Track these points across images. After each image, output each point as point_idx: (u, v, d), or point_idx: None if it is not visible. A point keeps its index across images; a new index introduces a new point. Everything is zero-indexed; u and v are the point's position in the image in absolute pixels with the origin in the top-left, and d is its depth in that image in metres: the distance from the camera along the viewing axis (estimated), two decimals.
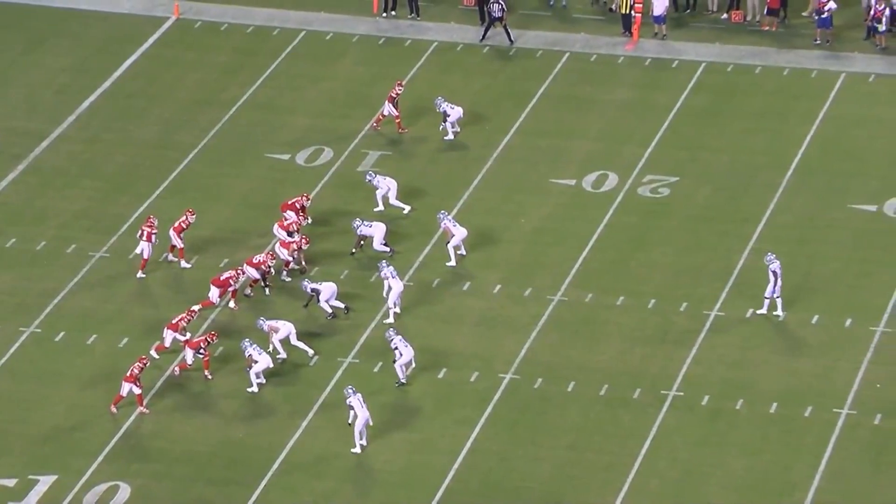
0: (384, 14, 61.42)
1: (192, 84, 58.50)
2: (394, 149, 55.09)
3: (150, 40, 60.69)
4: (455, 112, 54.58)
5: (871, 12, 58.86)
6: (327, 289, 47.85)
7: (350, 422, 43.34)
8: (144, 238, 49.23)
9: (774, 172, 53.32)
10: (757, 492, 42.49)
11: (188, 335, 46.56)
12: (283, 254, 49.20)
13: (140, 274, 49.52)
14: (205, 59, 59.84)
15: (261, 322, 46.19)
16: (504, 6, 59.50)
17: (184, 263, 50.04)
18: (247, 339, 45.70)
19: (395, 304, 47.78)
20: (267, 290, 49.02)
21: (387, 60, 59.44)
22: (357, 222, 49.63)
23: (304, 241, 49.31)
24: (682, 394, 45.33)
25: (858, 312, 47.62)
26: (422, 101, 56.79)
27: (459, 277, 49.56)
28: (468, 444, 44.13)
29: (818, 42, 59.25)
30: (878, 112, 56.18)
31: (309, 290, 47.74)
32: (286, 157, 54.89)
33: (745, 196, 52.43)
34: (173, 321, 46.66)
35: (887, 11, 58.67)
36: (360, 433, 43.49)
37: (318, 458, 43.86)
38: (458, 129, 55.02)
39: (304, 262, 49.46)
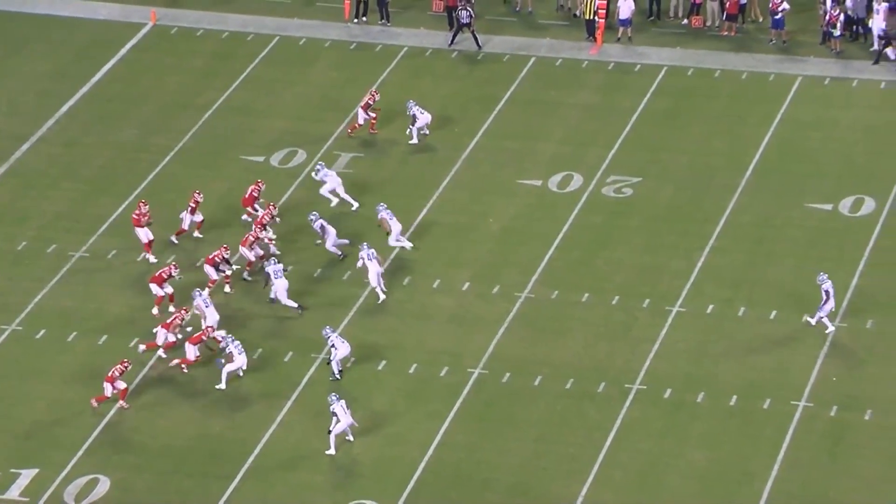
0: (355, 20, 61.54)
1: (169, 88, 58.58)
2: (365, 151, 55.23)
3: (128, 46, 60.78)
4: (423, 117, 54.78)
5: (827, 17, 59.09)
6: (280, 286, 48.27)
7: (331, 429, 43.42)
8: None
9: (733, 173, 53.54)
10: (717, 482, 42.72)
11: (180, 333, 46.70)
12: (246, 253, 49.31)
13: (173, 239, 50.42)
14: (181, 63, 59.93)
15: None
16: (472, 12, 59.67)
17: (151, 258, 50.23)
18: (230, 336, 45.83)
19: (378, 284, 48.15)
20: (227, 286, 49.23)
21: (358, 65, 59.61)
22: (314, 216, 49.90)
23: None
24: (645, 387, 45.55)
25: (814, 308, 47.72)
26: (392, 105, 56.80)
27: (429, 276, 49.68)
28: (438, 437, 44.32)
29: (773, 42, 59.53)
30: (833, 114, 56.43)
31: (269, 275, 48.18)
32: (261, 158, 55.01)
33: (705, 196, 52.65)
34: (167, 321, 46.76)
35: (842, 17, 58.90)
36: (338, 435, 43.63)
37: (293, 451, 44.03)
38: (427, 133, 55.20)
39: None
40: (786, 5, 59.10)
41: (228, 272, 49.06)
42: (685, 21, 60.94)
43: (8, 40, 61.04)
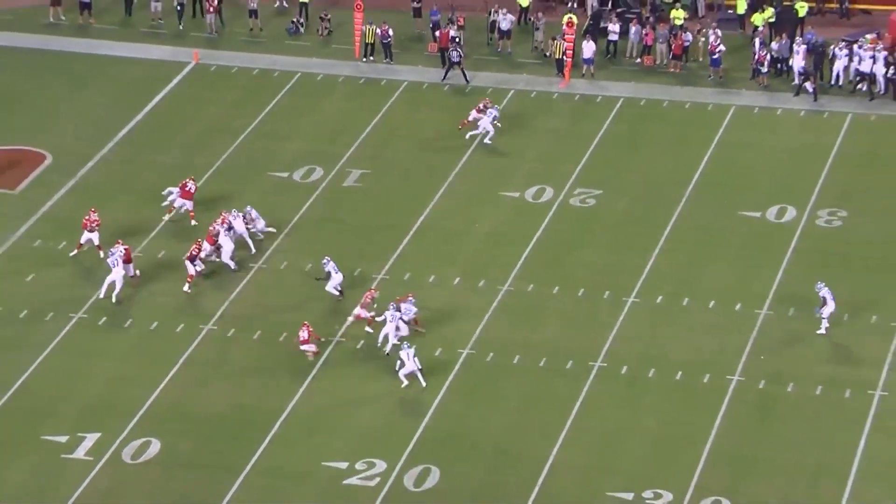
0: (364, 59, 61.56)
1: (208, 116, 58.61)
2: (371, 167, 55.22)
3: (175, 81, 60.77)
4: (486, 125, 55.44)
5: (756, 57, 59.26)
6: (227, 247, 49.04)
7: (397, 369, 44.32)
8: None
9: (678, 187, 53.62)
10: (666, 445, 42.90)
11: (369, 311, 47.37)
12: (207, 248, 49.56)
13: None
14: (218, 96, 59.98)
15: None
16: (461, 52, 59.78)
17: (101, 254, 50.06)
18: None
19: (337, 290, 48.05)
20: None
21: (366, 97, 59.65)
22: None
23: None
24: (605, 365, 45.67)
25: (746, 299, 47.97)
26: (393, 130, 57.02)
27: (426, 272, 49.69)
28: (433, 407, 44.46)
29: (711, 78, 59.67)
30: (761, 138, 56.57)
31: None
32: (285, 175, 54.99)
33: (655, 206, 52.73)
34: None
35: (768, 57, 59.08)
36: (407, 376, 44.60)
37: (313, 418, 44.10)
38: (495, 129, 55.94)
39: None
40: (722, 47, 59.27)
41: (200, 268, 49.20)
42: (638, 60, 61.06)
43: (75, 77, 60.99)
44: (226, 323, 47.78)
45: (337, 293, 48.06)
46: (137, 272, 49.14)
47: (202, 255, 49.07)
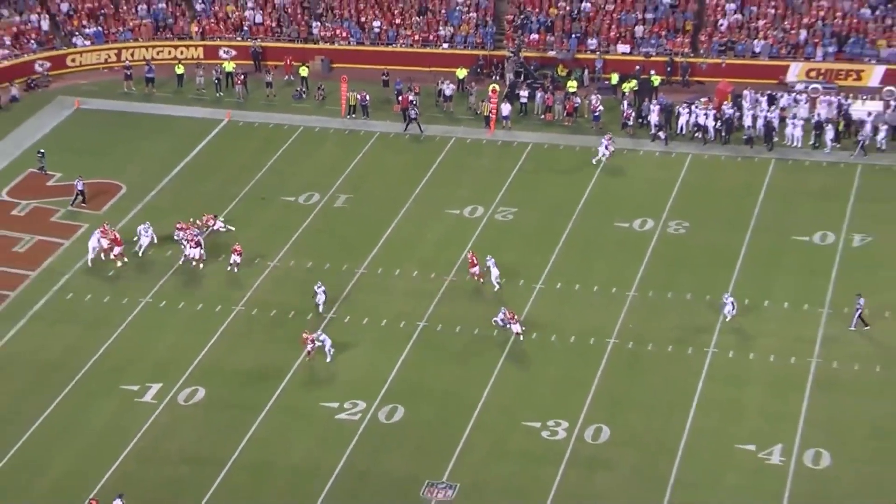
0: (348, 116, 61.36)
1: (237, 158, 58.17)
2: (354, 193, 55.06)
3: (213, 133, 60.39)
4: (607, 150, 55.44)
5: (624, 114, 59.42)
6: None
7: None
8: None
9: (572, 205, 53.62)
10: (564, 388, 43.05)
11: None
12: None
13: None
14: (244, 144, 59.51)
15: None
16: (417, 111, 59.77)
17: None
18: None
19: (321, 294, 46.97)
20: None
21: (350, 144, 59.34)
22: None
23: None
24: (525, 328, 45.63)
25: (620, 285, 48.13)
26: (369, 167, 56.89)
27: (393, 267, 49.55)
28: (399, 363, 44.49)
29: (593, 128, 59.63)
30: (628, 171, 56.58)
31: None
32: (293, 198, 54.77)
33: (556, 219, 52.71)
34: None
35: (633, 113, 59.26)
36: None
37: (313, 373, 43.97)
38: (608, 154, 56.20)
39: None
40: (601, 107, 59.45)
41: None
42: (542, 117, 61.11)
43: (142, 131, 60.59)
44: (250, 305, 47.66)
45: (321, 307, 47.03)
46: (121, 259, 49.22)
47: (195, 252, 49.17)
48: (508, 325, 45.01)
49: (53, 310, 47.64)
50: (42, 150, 56.41)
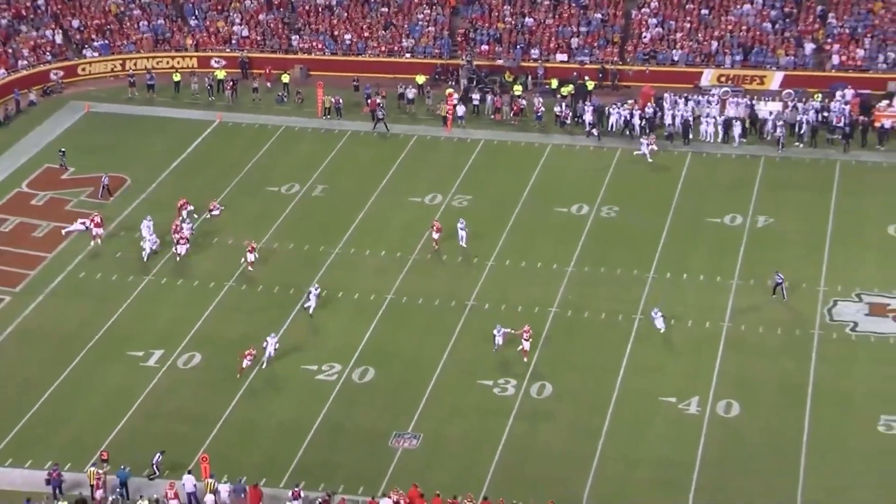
0: (324, 117, 60.72)
1: (227, 155, 57.37)
2: (330, 184, 54.49)
3: (205, 133, 59.59)
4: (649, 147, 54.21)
5: (562, 115, 58.91)
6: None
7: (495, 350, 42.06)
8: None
9: (517, 194, 53.27)
10: (511, 350, 42.55)
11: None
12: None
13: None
14: (233, 142, 58.71)
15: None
16: (383, 113, 59.20)
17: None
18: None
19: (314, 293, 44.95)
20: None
21: (326, 141, 58.66)
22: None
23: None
24: (476, 303, 45.53)
25: (560, 261, 47.93)
26: (343, 161, 56.23)
27: (364, 248, 49.08)
28: (369, 331, 44.16)
29: (536, 125, 59.16)
30: (566, 163, 56.35)
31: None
32: (276, 189, 54.15)
33: (503, 206, 52.39)
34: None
35: (569, 113, 58.84)
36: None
37: (294, 340, 43.59)
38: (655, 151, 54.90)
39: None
40: (543, 108, 59.20)
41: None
42: (492, 117, 60.73)
43: (144, 131, 59.68)
44: (240, 282, 47.13)
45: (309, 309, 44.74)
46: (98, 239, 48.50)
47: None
48: (508, 335, 42.28)
49: (68, 287, 46.98)
50: (63, 149, 55.69)
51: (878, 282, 45.91)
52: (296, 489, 36.08)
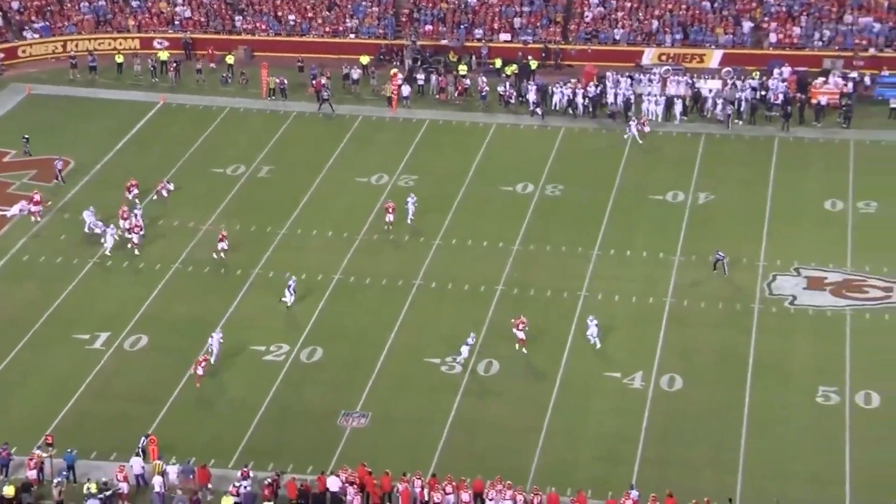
0: (269, 98, 60.23)
1: (171, 136, 56.75)
2: (276, 164, 54.11)
3: (149, 114, 58.88)
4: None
5: (506, 94, 59.01)
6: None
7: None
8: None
9: (462, 173, 53.26)
10: (459, 327, 42.67)
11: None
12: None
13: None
14: (176, 122, 58.03)
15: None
16: (329, 94, 58.86)
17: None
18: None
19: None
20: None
21: (271, 122, 58.21)
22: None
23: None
24: (422, 282, 45.49)
25: (506, 240, 48.00)
26: (288, 142, 55.79)
27: (311, 228, 48.83)
28: (317, 311, 43.94)
29: (480, 106, 59.17)
30: (511, 142, 56.40)
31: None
32: (221, 170, 53.67)
33: (450, 185, 52.33)
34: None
35: (513, 93, 58.88)
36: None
37: (242, 320, 43.28)
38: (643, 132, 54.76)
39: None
40: (487, 88, 59.20)
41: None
42: (437, 97, 60.61)
43: (86, 112, 58.87)
44: (186, 263, 46.74)
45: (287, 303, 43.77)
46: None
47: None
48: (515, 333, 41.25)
49: (11, 270, 46.28)
50: (27, 136, 54.38)
51: (816, 256, 46.56)
52: (245, 469, 35.92)
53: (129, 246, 46.92)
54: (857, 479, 36.12)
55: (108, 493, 35.22)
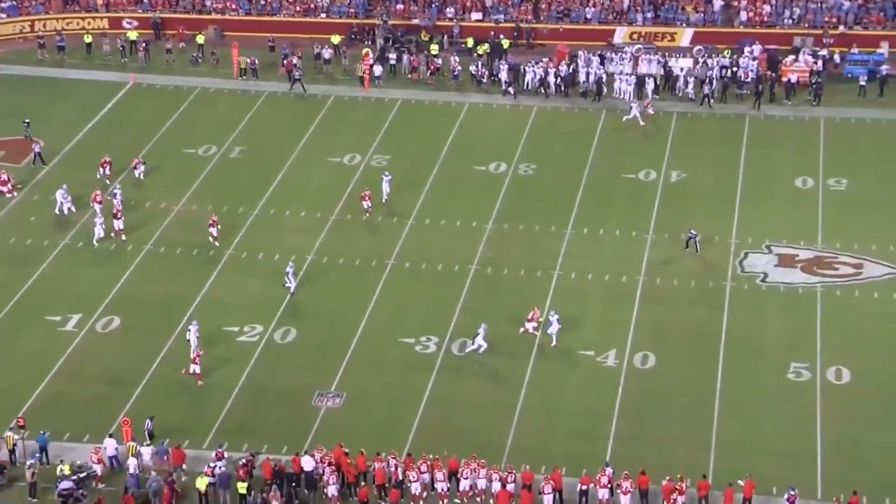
0: (240, 78, 59.76)
1: (141, 116, 56.26)
2: (247, 145, 53.69)
3: (119, 94, 58.33)
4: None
5: (478, 73, 58.73)
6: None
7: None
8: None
9: (437, 152, 53.08)
10: (434, 307, 42.75)
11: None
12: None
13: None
14: (148, 104, 57.50)
15: None
16: (301, 73, 58.42)
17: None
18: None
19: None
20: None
21: (242, 102, 57.82)
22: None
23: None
24: (396, 262, 45.32)
25: (479, 219, 47.77)
26: (260, 122, 55.42)
27: (284, 208, 48.53)
28: (297, 279, 43.63)
29: (453, 84, 58.94)
30: (484, 121, 56.24)
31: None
32: (193, 150, 53.27)
33: (423, 164, 52.17)
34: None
35: (486, 72, 58.65)
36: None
37: (216, 302, 42.96)
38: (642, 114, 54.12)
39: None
40: (459, 67, 58.93)
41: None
42: (410, 76, 60.33)
43: (57, 93, 58.22)
44: (158, 244, 46.40)
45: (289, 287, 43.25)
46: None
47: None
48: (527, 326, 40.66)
49: None
50: (27, 120, 53.67)
51: (787, 233, 46.72)
52: (219, 450, 35.73)
53: (113, 234, 46.33)
54: (828, 454, 36.38)
55: (82, 475, 34.94)
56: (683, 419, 37.91)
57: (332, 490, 34.85)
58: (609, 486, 34.55)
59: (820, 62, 58.79)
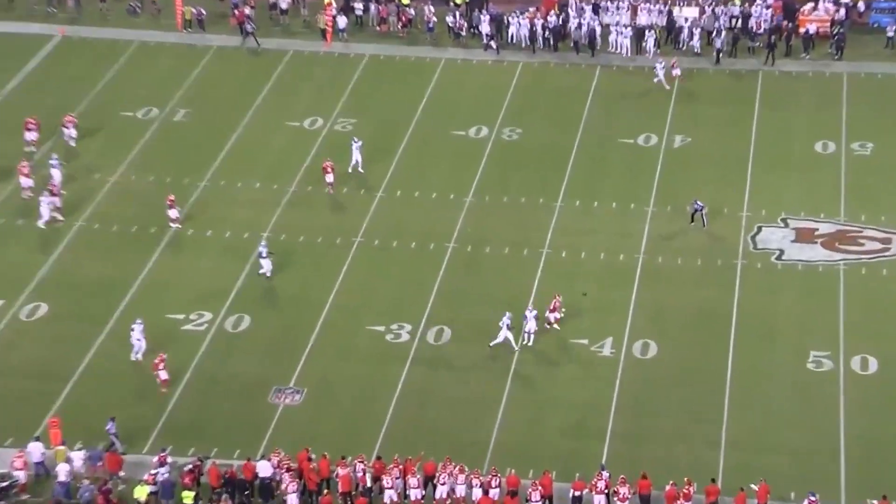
0: (184, 30, 59.17)
1: (73, 73, 55.51)
2: (193, 106, 53.11)
3: (48, 48, 57.63)
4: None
5: (457, 24, 58.31)
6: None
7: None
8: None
9: (410, 114, 52.68)
10: (405, 290, 42.68)
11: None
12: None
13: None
14: (80, 59, 56.75)
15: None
16: (253, 25, 57.96)
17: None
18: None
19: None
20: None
21: (187, 57, 57.19)
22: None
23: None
24: (363, 240, 45.06)
25: (458, 190, 47.59)
26: (208, 80, 54.94)
27: (236, 178, 48.05)
28: (243, 274, 43.31)
29: (429, 39, 58.60)
30: (462, 80, 55.82)
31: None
32: (131, 113, 52.69)
33: (394, 129, 51.76)
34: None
35: (465, 24, 58.25)
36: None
37: (158, 285, 42.67)
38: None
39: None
40: (435, 18, 58.46)
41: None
42: (378, 28, 59.80)
43: None
44: (92, 220, 46.08)
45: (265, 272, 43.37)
46: None
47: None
48: (545, 317, 40.30)
49: None
50: None
51: (805, 205, 46.65)
52: (162, 454, 35.38)
53: (52, 212, 45.60)
54: (852, 453, 36.31)
55: (3, 484, 34.50)
56: (689, 415, 37.77)
57: (291, 499, 34.56)
58: (606, 491, 34.28)
59: (842, 10, 58.56)
